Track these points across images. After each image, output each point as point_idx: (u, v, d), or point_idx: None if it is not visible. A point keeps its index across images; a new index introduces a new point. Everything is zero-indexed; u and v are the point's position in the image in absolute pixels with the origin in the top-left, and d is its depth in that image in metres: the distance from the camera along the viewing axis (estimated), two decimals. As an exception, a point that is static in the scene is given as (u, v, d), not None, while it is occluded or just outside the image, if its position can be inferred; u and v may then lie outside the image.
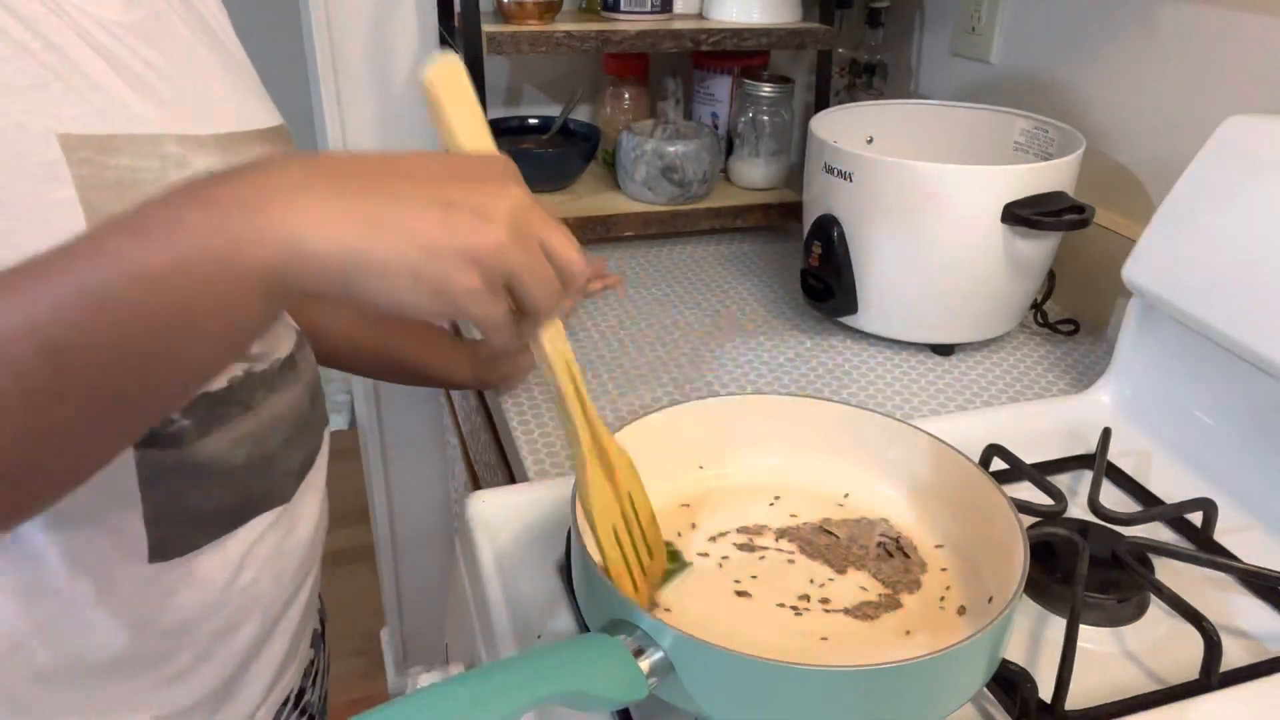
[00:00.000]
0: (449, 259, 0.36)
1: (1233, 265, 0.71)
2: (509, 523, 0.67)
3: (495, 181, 0.38)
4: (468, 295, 0.37)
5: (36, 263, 0.34)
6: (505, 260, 0.37)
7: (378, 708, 0.37)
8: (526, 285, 0.38)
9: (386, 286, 0.36)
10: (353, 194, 0.35)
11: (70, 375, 0.33)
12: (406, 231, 0.35)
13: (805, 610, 0.54)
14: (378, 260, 0.35)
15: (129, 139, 0.49)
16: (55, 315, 0.33)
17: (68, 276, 0.33)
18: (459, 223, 0.36)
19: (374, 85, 1.29)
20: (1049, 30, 1.07)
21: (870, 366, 0.94)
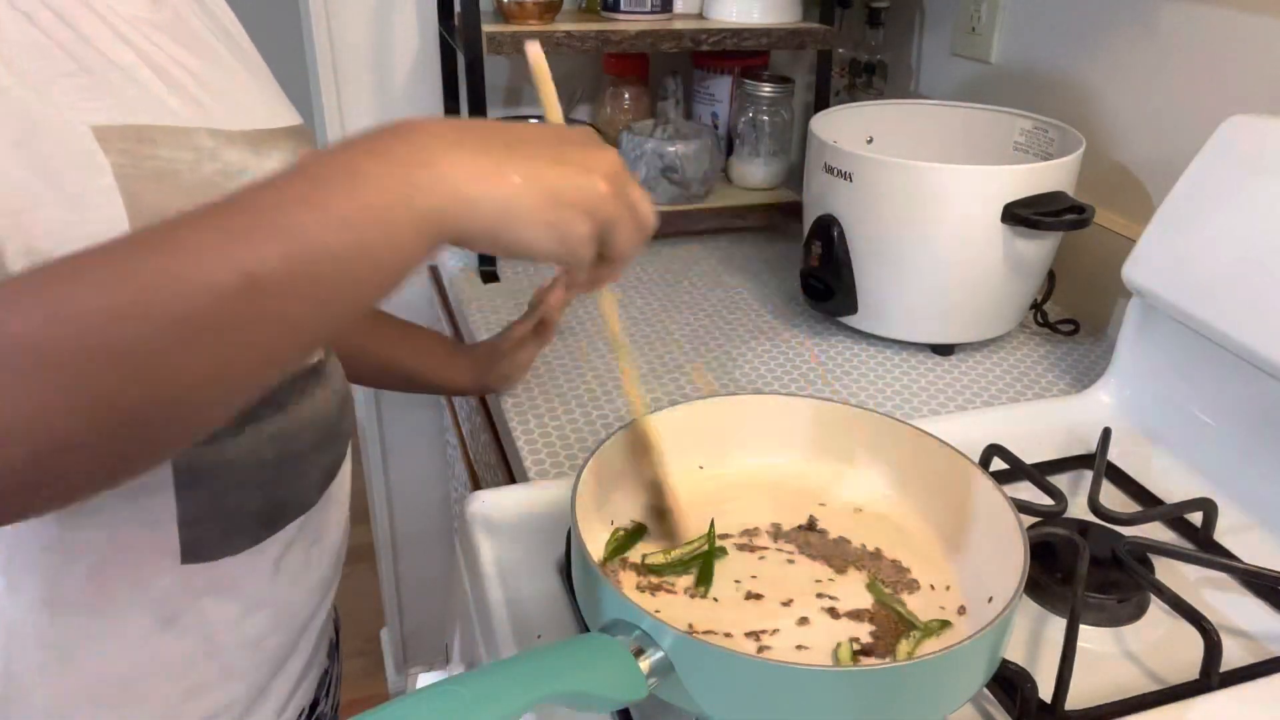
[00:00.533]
0: (571, 209, 0.42)
1: (1233, 265, 0.71)
2: (509, 523, 0.67)
3: (596, 144, 0.45)
4: (580, 240, 0.43)
5: (225, 204, 0.38)
6: (608, 210, 0.44)
7: (378, 708, 0.37)
8: (618, 234, 0.45)
9: (525, 233, 0.41)
10: (498, 152, 0.41)
11: (264, 303, 0.37)
12: (542, 186, 0.41)
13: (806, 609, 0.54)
14: (521, 209, 0.41)
15: (164, 130, 0.50)
16: (253, 250, 0.36)
17: (261, 216, 0.37)
18: (578, 177, 0.43)
19: (374, 85, 1.29)
20: (1049, 30, 1.07)
21: (870, 366, 0.94)
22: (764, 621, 0.52)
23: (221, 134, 0.53)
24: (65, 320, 0.35)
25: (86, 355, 0.35)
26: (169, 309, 0.36)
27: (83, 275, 0.36)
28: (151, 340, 0.36)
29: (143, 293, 0.36)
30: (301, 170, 0.39)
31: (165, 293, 0.36)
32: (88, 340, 0.35)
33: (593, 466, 0.56)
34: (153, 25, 0.52)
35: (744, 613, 0.53)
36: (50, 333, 0.35)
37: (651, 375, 0.92)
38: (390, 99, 1.30)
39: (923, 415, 0.85)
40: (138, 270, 0.36)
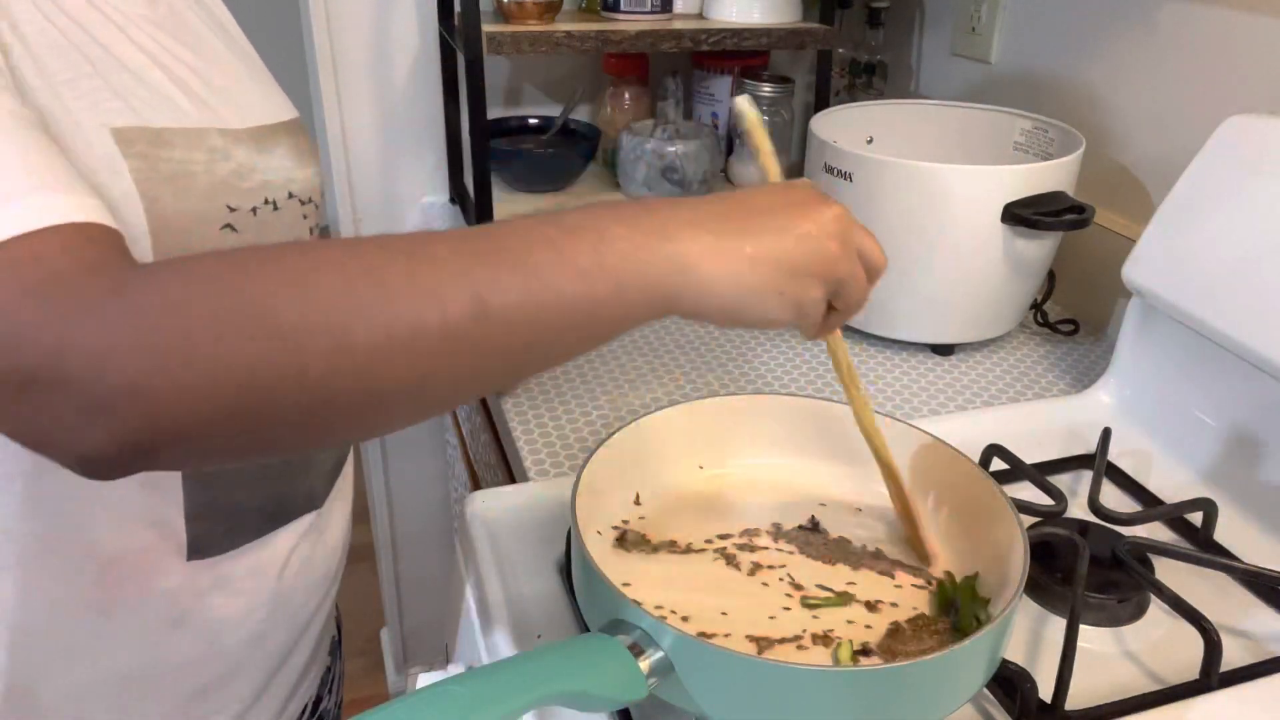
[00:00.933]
0: (802, 277, 0.44)
1: (1233, 265, 0.71)
2: (509, 523, 0.67)
3: (819, 203, 0.46)
4: (814, 304, 0.45)
5: (476, 231, 0.41)
6: (839, 271, 0.46)
7: (378, 708, 0.37)
8: (849, 290, 0.47)
9: (760, 307, 0.44)
10: (732, 232, 0.43)
11: (488, 330, 0.38)
12: (773, 260, 0.43)
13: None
14: (754, 286, 0.43)
15: (179, 132, 0.50)
16: (492, 279, 0.38)
17: (505, 253, 0.39)
18: (806, 245, 0.44)
19: (374, 85, 1.28)
20: (1049, 30, 1.07)
21: (870, 366, 0.94)
22: (764, 620, 0.52)
23: (229, 133, 0.53)
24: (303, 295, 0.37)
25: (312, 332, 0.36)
26: (400, 314, 0.37)
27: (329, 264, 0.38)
28: (374, 335, 0.37)
29: (381, 293, 0.37)
30: (555, 218, 0.41)
31: (401, 297, 0.37)
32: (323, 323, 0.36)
33: (593, 466, 0.56)
34: (152, 23, 0.52)
35: (744, 613, 0.53)
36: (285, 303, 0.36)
37: (652, 375, 0.92)
38: (390, 99, 1.30)
39: (923, 415, 0.85)
40: (381, 271, 0.38)
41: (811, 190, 0.47)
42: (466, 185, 1.23)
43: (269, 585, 0.60)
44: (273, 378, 0.36)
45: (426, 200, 1.37)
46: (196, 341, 0.36)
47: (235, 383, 0.36)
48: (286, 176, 0.57)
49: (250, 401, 0.36)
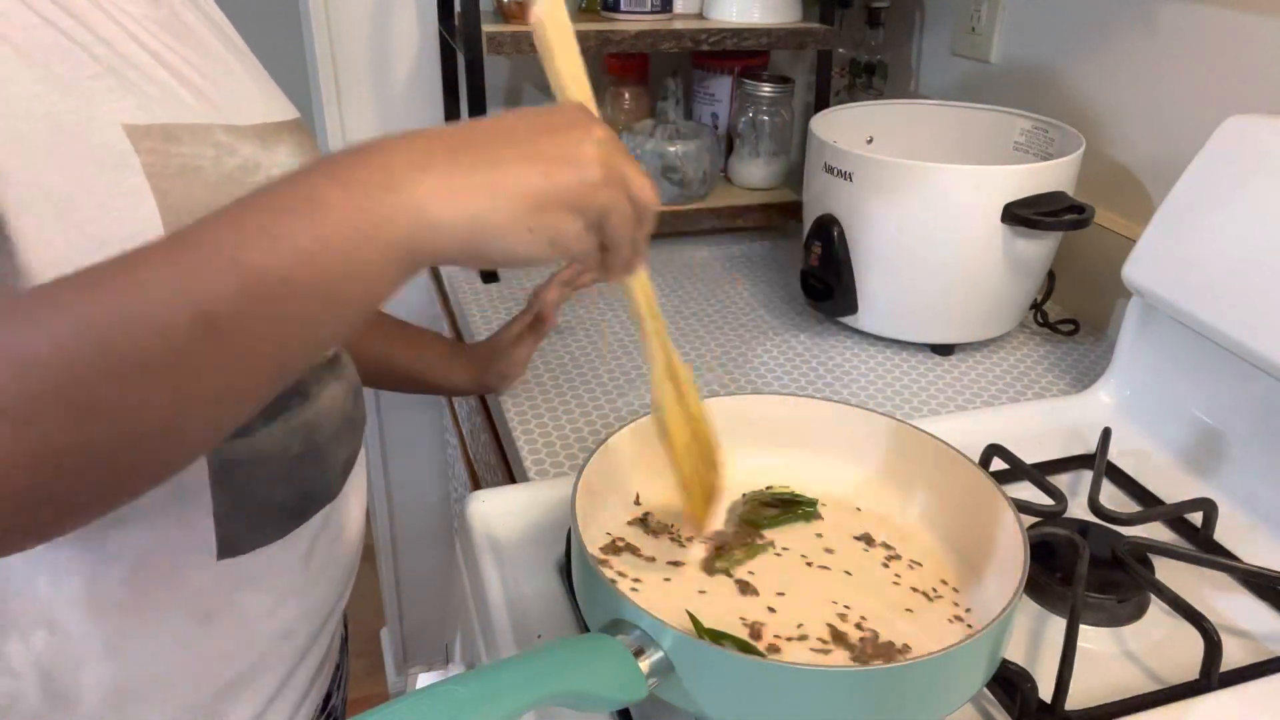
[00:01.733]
0: (554, 210, 0.40)
1: (1233, 265, 0.71)
2: (509, 523, 0.67)
3: (580, 127, 0.42)
4: (573, 237, 0.41)
5: (179, 238, 0.36)
6: (598, 201, 0.41)
7: (378, 708, 0.37)
8: (613, 222, 0.42)
9: (506, 245, 0.40)
10: (465, 166, 0.39)
11: (222, 342, 0.35)
12: (517, 194, 0.39)
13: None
14: (497, 224, 0.39)
15: (187, 128, 0.50)
16: (208, 289, 0.35)
17: (217, 252, 0.35)
18: (557, 174, 0.40)
19: (374, 85, 1.28)
20: (1049, 30, 1.07)
21: (870, 366, 0.94)
22: (758, 615, 0.52)
23: (234, 129, 0.54)
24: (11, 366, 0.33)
25: (36, 403, 0.33)
26: (121, 353, 0.34)
27: (31, 318, 0.34)
28: (105, 385, 0.34)
29: (95, 338, 0.34)
30: (261, 199, 0.37)
31: (116, 336, 0.34)
32: (39, 387, 0.33)
33: (593, 466, 0.56)
34: (156, 23, 0.53)
35: (736, 604, 0.53)
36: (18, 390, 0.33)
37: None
38: (390, 99, 1.30)
39: (923, 415, 0.85)
40: (87, 312, 0.34)
41: (578, 113, 0.43)
42: (466, 185, 1.23)
43: (294, 580, 0.61)
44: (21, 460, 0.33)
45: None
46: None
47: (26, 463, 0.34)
48: None
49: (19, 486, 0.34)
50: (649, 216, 0.45)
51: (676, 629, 0.44)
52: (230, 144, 0.53)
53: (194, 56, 0.54)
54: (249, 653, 0.60)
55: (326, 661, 0.69)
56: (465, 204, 0.38)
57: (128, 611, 0.54)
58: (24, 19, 0.45)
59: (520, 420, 0.84)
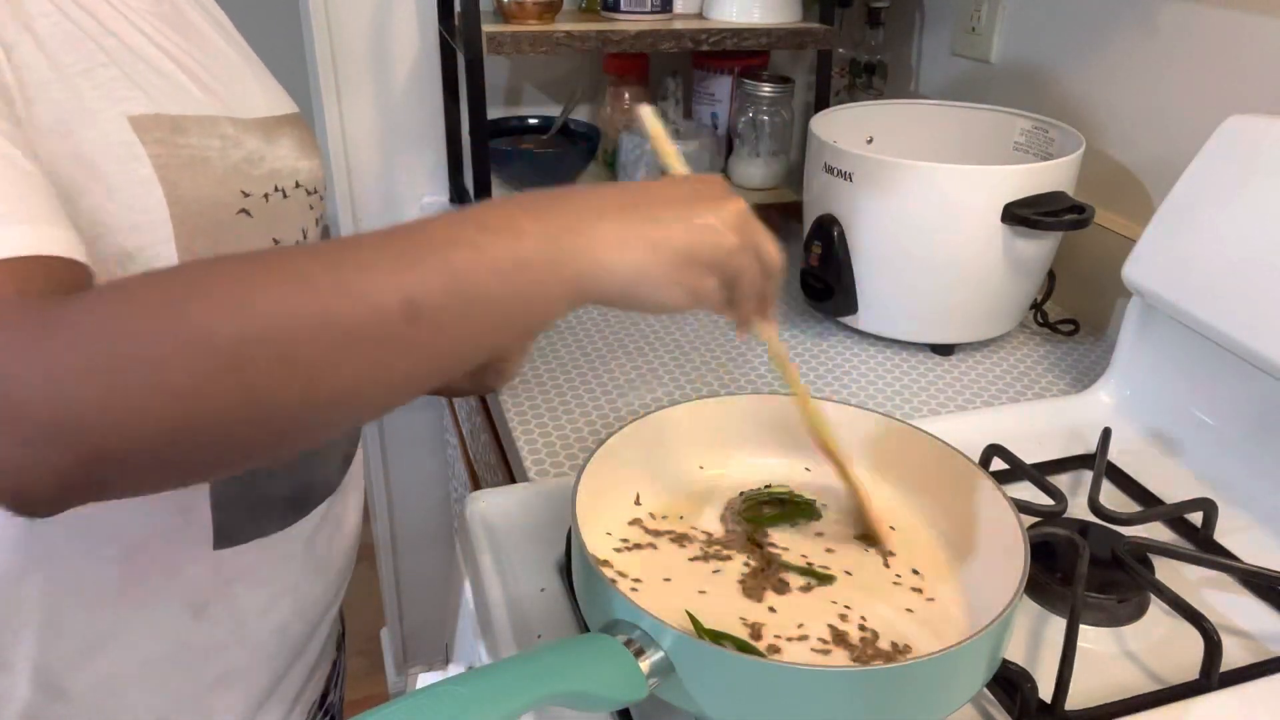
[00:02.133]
0: (697, 268, 0.46)
1: (1233, 265, 0.71)
2: (509, 523, 0.67)
3: (721, 197, 0.48)
4: (708, 293, 0.47)
5: (397, 233, 0.41)
6: (733, 263, 0.47)
7: (378, 708, 0.37)
8: (742, 282, 0.48)
9: (657, 293, 0.45)
10: (634, 221, 0.45)
11: (419, 330, 0.39)
12: (671, 250, 0.45)
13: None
14: (652, 274, 0.44)
15: (193, 120, 0.51)
16: (420, 281, 0.39)
17: (431, 254, 0.40)
18: (704, 237, 0.46)
19: (374, 85, 1.28)
20: (1049, 30, 1.07)
21: (870, 366, 0.94)
22: (759, 615, 0.52)
23: (239, 122, 0.55)
24: (240, 312, 0.37)
25: (254, 351, 0.37)
26: (338, 320, 0.38)
27: (265, 276, 0.38)
28: (314, 344, 0.38)
29: (318, 300, 0.38)
30: (474, 216, 0.43)
31: (337, 304, 0.38)
32: (263, 336, 0.37)
33: (593, 466, 0.56)
34: (159, 17, 0.53)
35: (737, 605, 0.53)
36: (223, 322, 0.37)
37: (651, 375, 0.92)
38: (390, 98, 1.30)
39: (923, 415, 0.85)
40: (316, 279, 0.38)
41: (718, 184, 0.49)
42: (466, 185, 1.23)
43: (290, 574, 0.61)
44: (216, 398, 0.37)
45: (426, 200, 1.37)
46: (136, 368, 0.36)
47: (179, 407, 0.36)
48: (292, 166, 0.58)
49: (195, 423, 0.37)
50: (775, 276, 0.50)
51: (676, 629, 0.44)
52: (236, 136, 0.54)
53: (197, 51, 0.55)
54: (243, 646, 0.60)
55: (323, 659, 0.69)
56: (630, 253, 0.44)
57: (122, 600, 0.54)
58: (39, 7, 0.45)
59: (520, 420, 0.84)
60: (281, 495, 0.59)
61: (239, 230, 0.53)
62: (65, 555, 0.52)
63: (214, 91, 0.54)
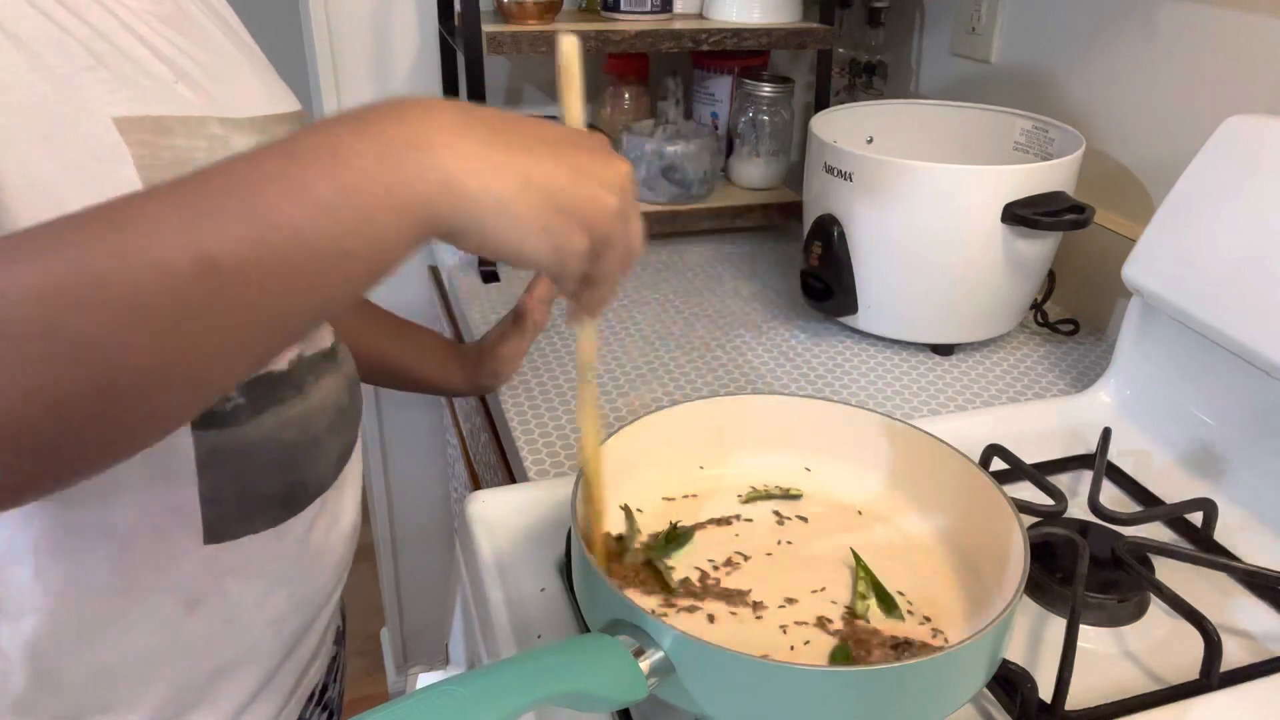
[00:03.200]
0: (573, 219, 0.39)
1: (1233, 265, 0.71)
2: (509, 523, 0.67)
3: (611, 154, 0.42)
4: (575, 254, 0.40)
5: (191, 178, 0.35)
6: (608, 227, 0.41)
7: (377, 708, 0.37)
8: (611, 255, 0.42)
9: (518, 236, 0.38)
10: (500, 145, 0.38)
11: (222, 289, 0.34)
12: (545, 189, 0.38)
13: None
14: (518, 211, 0.38)
15: (179, 120, 0.50)
16: (215, 230, 0.33)
17: (229, 194, 0.34)
18: (584, 184, 0.40)
19: (374, 85, 1.29)
20: (1049, 30, 1.07)
21: (870, 366, 0.94)
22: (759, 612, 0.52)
23: (230, 122, 0.54)
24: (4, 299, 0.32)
25: (26, 338, 0.32)
26: (117, 291, 0.32)
27: (28, 251, 0.33)
28: (96, 324, 0.33)
29: (90, 272, 0.32)
30: (280, 146, 0.36)
31: (114, 273, 0.33)
32: (27, 322, 0.32)
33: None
34: (157, 17, 0.53)
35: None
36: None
37: (651, 375, 0.92)
38: (390, 99, 1.30)
39: (923, 415, 0.85)
40: (88, 247, 0.33)
41: (603, 140, 0.43)
42: (466, 185, 1.23)
43: (284, 569, 0.61)
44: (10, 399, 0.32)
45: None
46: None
47: None
48: None
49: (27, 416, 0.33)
50: (632, 262, 0.44)
51: (676, 629, 0.44)
52: (225, 136, 0.53)
53: (194, 49, 0.55)
54: (237, 640, 0.60)
55: (320, 653, 0.69)
56: (494, 181, 0.37)
57: (115, 594, 0.54)
58: (17, 9, 0.45)
59: (520, 420, 0.84)
60: (273, 493, 0.59)
61: None
62: (57, 546, 0.52)
63: (206, 91, 0.54)
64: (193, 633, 0.57)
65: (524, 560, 0.63)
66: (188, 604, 0.57)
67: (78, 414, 0.34)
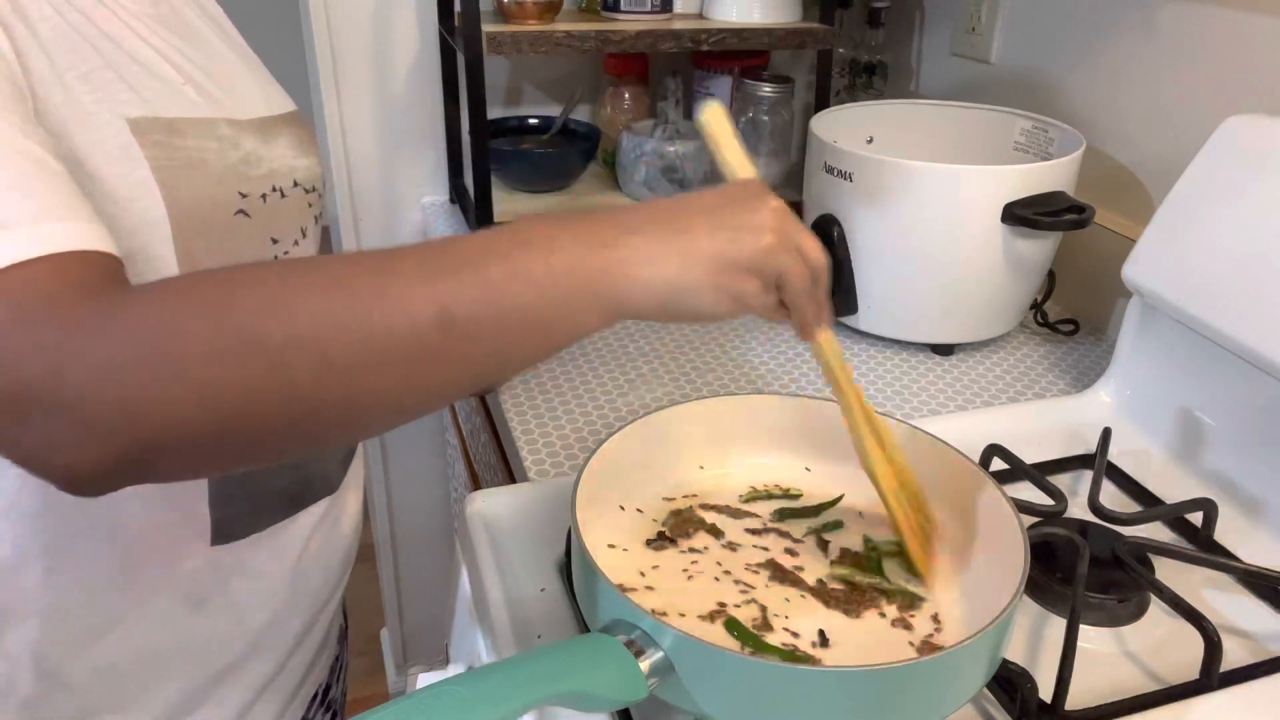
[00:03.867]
0: (736, 272, 0.46)
1: (1233, 265, 0.71)
2: (509, 523, 0.67)
3: (757, 199, 0.48)
4: (751, 295, 0.47)
5: (432, 247, 0.42)
6: (774, 263, 0.47)
7: (378, 708, 0.37)
8: (787, 281, 0.48)
9: (696, 302, 0.45)
10: (663, 235, 0.45)
11: (452, 341, 0.41)
12: (704, 258, 0.45)
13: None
14: (687, 284, 0.45)
15: (190, 121, 0.52)
16: (455, 293, 0.40)
17: (465, 266, 0.41)
18: (737, 240, 0.46)
19: (374, 85, 1.28)
20: (1049, 30, 1.07)
21: (870, 366, 0.94)
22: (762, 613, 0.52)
23: (236, 123, 0.55)
24: (287, 315, 0.38)
25: (297, 350, 0.38)
26: (375, 326, 0.39)
27: (308, 279, 0.40)
28: (353, 349, 0.39)
29: (357, 306, 0.39)
30: (510, 231, 0.44)
31: (374, 310, 0.39)
32: (305, 338, 0.38)
33: (593, 466, 0.56)
34: (156, 19, 0.54)
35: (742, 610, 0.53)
36: (272, 324, 0.38)
37: (651, 375, 0.92)
38: (390, 99, 1.30)
39: (923, 415, 0.85)
40: (356, 286, 0.40)
41: (754, 186, 0.49)
42: (466, 185, 1.23)
43: (288, 569, 0.62)
44: (261, 395, 0.38)
45: (426, 200, 1.37)
46: (189, 363, 0.37)
47: (226, 402, 0.38)
48: (290, 165, 0.58)
49: (240, 418, 0.39)
50: (821, 275, 0.50)
51: (676, 629, 0.44)
52: (233, 137, 0.54)
53: (194, 52, 0.55)
54: (241, 639, 0.60)
55: (323, 652, 0.70)
56: (663, 267, 0.44)
57: (121, 594, 0.55)
58: (39, 10, 0.46)
59: (520, 420, 0.84)
60: (279, 492, 0.59)
61: (237, 231, 0.54)
62: (65, 548, 0.52)
63: (210, 93, 0.54)
64: (198, 632, 0.58)
65: (524, 560, 0.63)
66: (193, 604, 0.57)
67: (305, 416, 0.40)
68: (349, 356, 0.39)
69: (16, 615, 0.53)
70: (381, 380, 0.40)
